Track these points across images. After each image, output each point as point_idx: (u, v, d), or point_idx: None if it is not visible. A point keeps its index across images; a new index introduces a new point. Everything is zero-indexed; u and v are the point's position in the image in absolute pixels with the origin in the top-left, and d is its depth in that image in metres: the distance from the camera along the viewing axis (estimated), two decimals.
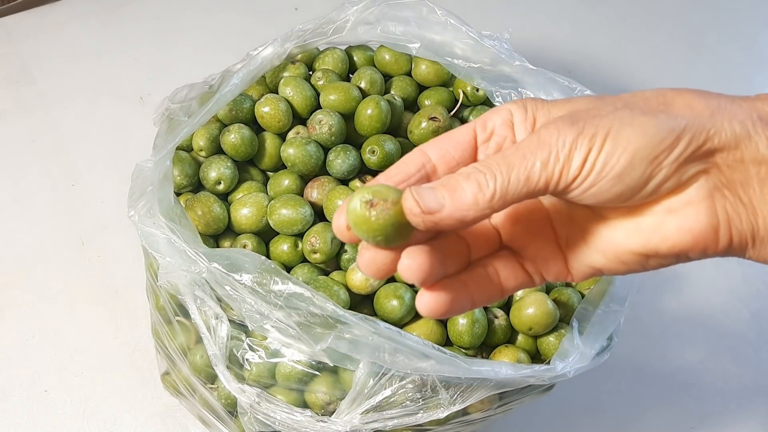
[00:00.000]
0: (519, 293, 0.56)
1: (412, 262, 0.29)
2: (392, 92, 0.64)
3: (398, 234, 0.29)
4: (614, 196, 0.29)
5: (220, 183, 0.57)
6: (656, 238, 0.30)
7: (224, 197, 0.59)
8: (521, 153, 0.28)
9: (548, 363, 0.49)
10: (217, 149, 0.60)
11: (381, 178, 0.32)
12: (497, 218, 0.34)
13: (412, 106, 0.65)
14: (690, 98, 0.30)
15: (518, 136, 0.32)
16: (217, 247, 0.57)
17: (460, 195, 0.28)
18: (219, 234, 0.57)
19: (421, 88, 0.65)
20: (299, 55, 0.66)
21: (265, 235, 0.57)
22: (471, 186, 0.28)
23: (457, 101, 0.65)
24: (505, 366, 0.47)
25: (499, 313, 0.55)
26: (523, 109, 0.32)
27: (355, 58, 0.67)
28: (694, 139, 0.28)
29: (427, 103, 0.64)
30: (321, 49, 0.66)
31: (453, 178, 0.29)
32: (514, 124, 0.32)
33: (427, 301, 0.31)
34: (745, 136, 0.29)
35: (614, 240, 0.31)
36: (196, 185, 0.59)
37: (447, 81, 0.65)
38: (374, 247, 0.30)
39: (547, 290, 0.57)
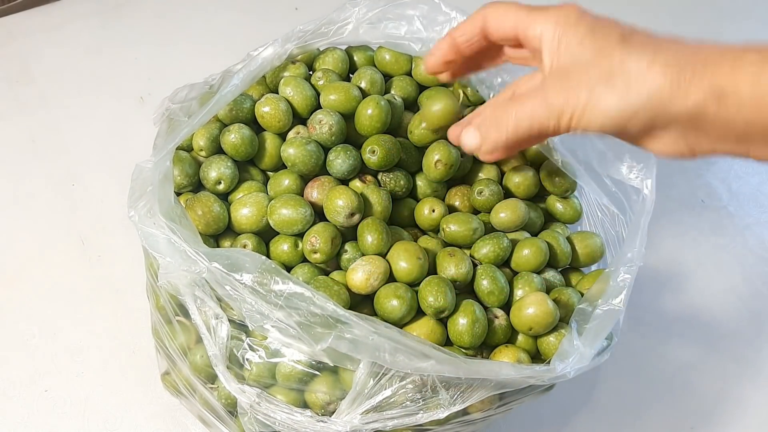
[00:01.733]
0: (519, 293, 0.56)
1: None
2: (392, 92, 0.64)
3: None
4: None
5: (220, 183, 0.57)
6: None
7: (224, 197, 0.59)
8: (523, 116, 0.40)
9: (548, 363, 0.49)
10: (217, 149, 0.60)
11: (450, 30, 0.47)
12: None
13: (412, 106, 0.65)
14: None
15: (544, 54, 0.41)
16: (218, 247, 0.57)
17: (487, 139, 0.43)
18: (219, 234, 0.57)
19: (421, 87, 0.65)
20: (299, 56, 0.66)
21: (266, 235, 0.57)
22: (493, 133, 0.42)
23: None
24: (505, 366, 0.47)
25: (500, 313, 0.55)
26: (553, 32, 0.40)
27: (355, 58, 0.67)
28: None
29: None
30: (321, 49, 0.66)
31: (484, 125, 0.43)
32: (542, 42, 0.41)
33: None
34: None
35: None
36: (197, 185, 0.59)
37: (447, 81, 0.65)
38: None
39: (548, 290, 0.57)
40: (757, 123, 0.35)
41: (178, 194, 0.58)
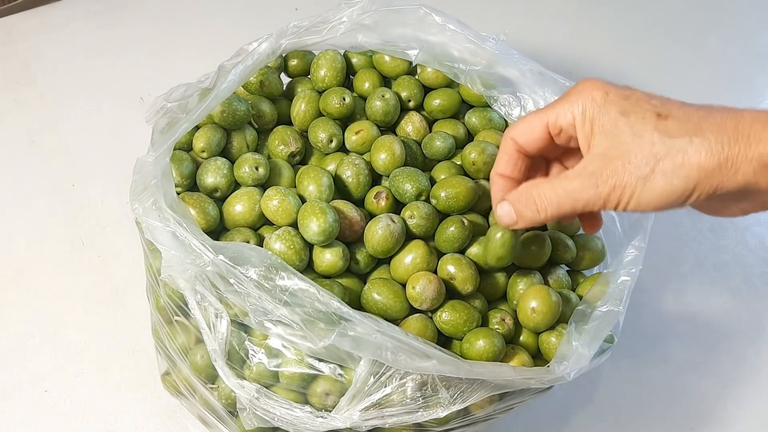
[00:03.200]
0: (521, 286, 0.56)
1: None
2: (393, 90, 0.64)
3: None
4: None
5: (216, 191, 0.57)
6: None
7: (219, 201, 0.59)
8: (565, 196, 0.41)
9: (548, 365, 0.49)
10: (216, 151, 0.60)
11: (494, 170, 0.47)
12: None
13: (418, 108, 0.66)
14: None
15: (579, 137, 0.42)
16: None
17: (522, 218, 0.44)
18: (218, 233, 0.57)
19: (426, 89, 0.66)
20: (295, 60, 0.66)
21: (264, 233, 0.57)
22: (529, 213, 0.43)
23: (463, 101, 0.65)
24: (505, 368, 0.47)
25: (507, 317, 0.55)
26: (582, 115, 0.41)
27: (353, 60, 0.67)
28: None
29: (435, 103, 0.64)
30: (317, 53, 0.66)
31: (521, 202, 0.44)
32: (575, 127, 0.41)
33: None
34: None
35: None
36: (191, 186, 0.59)
37: (451, 82, 0.65)
38: None
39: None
40: None
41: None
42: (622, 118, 0.39)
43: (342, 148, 0.63)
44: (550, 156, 0.48)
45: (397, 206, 0.58)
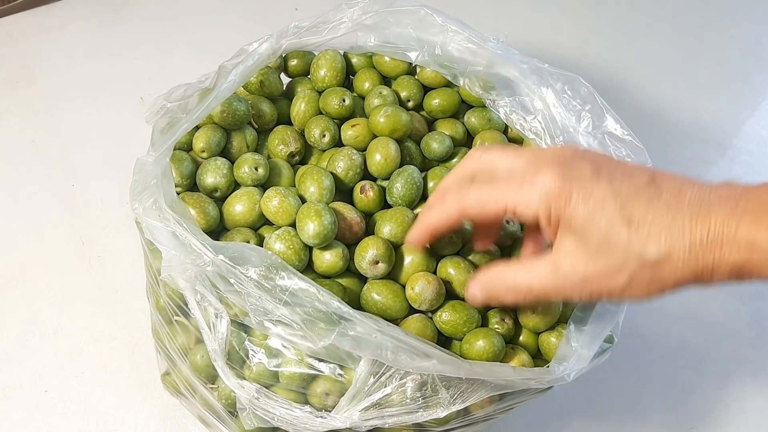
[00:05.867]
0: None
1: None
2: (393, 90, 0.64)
3: None
4: None
5: (216, 191, 0.57)
6: None
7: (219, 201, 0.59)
8: (540, 291, 0.42)
9: (548, 366, 0.49)
10: (217, 151, 0.60)
11: (421, 218, 0.48)
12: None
13: (417, 108, 0.66)
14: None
15: (544, 232, 0.41)
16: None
17: (493, 301, 0.46)
18: (218, 233, 0.57)
19: (426, 89, 0.66)
20: (295, 60, 0.66)
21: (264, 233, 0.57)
22: (504, 297, 0.45)
23: (462, 101, 0.65)
24: (506, 368, 0.47)
25: (507, 317, 0.55)
26: (546, 215, 0.39)
27: (353, 60, 0.67)
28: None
29: (434, 103, 0.64)
30: (316, 53, 0.66)
31: (497, 290, 0.45)
32: (539, 223, 0.40)
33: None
34: None
35: None
36: (191, 186, 0.59)
37: (451, 81, 0.65)
38: None
39: None
40: None
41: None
42: (591, 226, 0.38)
43: (339, 145, 0.62)
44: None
45: (383, 201, 0.58)
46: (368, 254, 0.52)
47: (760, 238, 0.34)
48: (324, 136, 0.61)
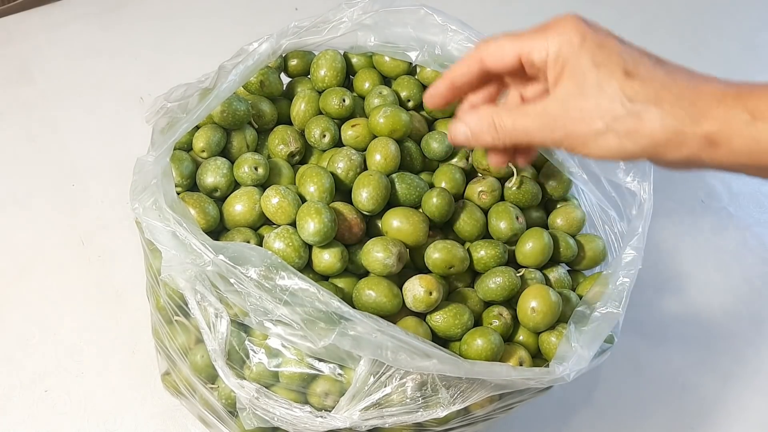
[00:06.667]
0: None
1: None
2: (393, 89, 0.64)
3: None
4: None
5: (216, 191, 0.57)
6: None
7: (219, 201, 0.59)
8: (523, 131, 0.42)
9: (547, 365, 0.49)
10: (216, 151, 0.60)
11: (447, 73, 0.47)
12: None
13: (417, 108, 0.66)
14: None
15: (548, 75, 0.42)
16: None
17: (478, 140, 0.44)
18: (218, 233, 0.57)
19: (426, 89, 0.66)
20: (295, 60, 0.66)
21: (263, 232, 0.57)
22: (487, 137, 0.43)
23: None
24: (505, 368, 0.47)
25: (505, 312, 0.55)
26: (557, 55, 0.41)
27: (353, 60, 0.67)
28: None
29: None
30: (316, 53, 0.66)
31: (480, 126, 0.44)
32: (547, 64, 0.42)
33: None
34: None
35: None
36: (191, 186, 0.59)
37: None
38: None
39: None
40: (750, 165, 0.37)
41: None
42: (593, 69, 0.40)
43: (339, 145, 0.62)
44: (507, 79, 0.49)
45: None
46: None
47: (736, 116, 0.36)
48: (324, 136, 0.61)
